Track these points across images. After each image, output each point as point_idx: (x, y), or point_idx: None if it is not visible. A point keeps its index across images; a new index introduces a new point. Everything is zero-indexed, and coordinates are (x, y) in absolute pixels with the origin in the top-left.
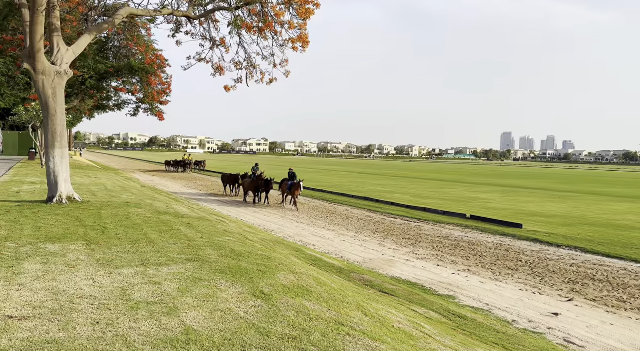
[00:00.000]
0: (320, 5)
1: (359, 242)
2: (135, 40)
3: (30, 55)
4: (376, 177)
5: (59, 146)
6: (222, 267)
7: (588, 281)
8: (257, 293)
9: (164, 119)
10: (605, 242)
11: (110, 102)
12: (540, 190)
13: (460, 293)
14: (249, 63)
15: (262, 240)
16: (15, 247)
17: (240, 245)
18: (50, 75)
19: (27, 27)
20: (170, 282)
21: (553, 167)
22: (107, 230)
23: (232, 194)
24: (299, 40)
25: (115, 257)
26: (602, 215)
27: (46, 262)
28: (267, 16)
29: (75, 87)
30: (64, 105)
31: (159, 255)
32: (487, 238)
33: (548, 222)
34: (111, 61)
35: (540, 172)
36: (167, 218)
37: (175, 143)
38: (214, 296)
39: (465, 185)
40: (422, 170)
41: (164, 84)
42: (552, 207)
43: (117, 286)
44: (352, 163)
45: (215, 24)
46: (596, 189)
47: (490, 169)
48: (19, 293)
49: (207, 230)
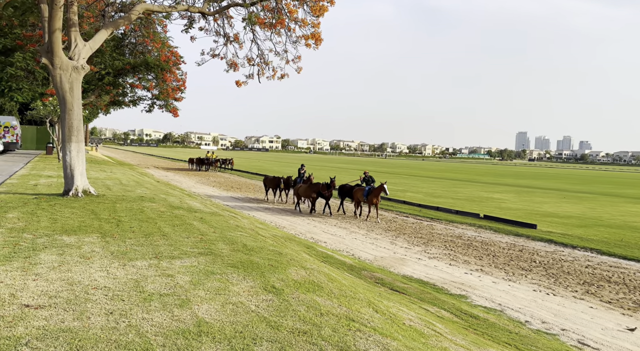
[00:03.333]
0: (334, 2)
1: (370, 240)
2: (151, 36)
3: (48, 50)
4: (389, 175)
5: (76, 140)
6: (234, 261)
7: (604, 283)
8: (269, 288)
9: (178, 116)
10: (622, 244)
11: (126, 98)
12: (555, 191)
13: (472, 292)
14: (262, 59)
15: (274, 236)
16: (32, 238)
17: (252, 240)
18: (68, 69)
19: (45, 22)
20: (183, 275)
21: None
22: (121, 223)
23: (274, 199)
24: (312, 37)
25: (129, 250)
26: (618, 216)
27: (62, 253)
28: (280, 12)
29: (92, 82)
30: (80, 99)
31: (172, 248)
32: (501, 238)
33: (563, 222)
34: (127, 57)
35: (556, 172)
36: (181, 212)
37: (189, 140)
38: (225, 290)
39: (479, 184)
40: (435, 169)
41: (179, 81)
42: (568, 208)
43: (130, 278)
44: (364, 162)
45: (229, 20)
46: (613, 190)
47: (505, 169)
48: (35, 283)
49: (220, 224)
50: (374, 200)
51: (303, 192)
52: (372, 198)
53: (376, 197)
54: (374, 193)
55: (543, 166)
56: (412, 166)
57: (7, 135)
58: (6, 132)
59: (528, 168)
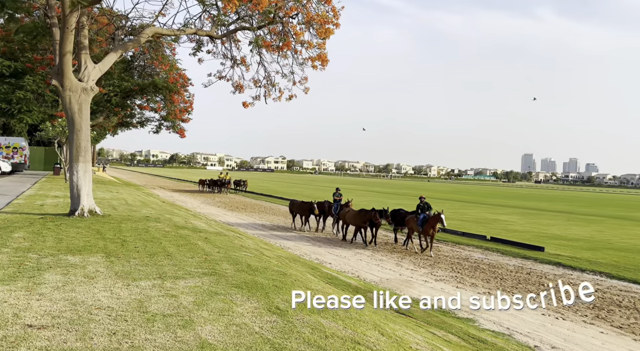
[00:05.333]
0: (339, 25)
1: (375, 261)
2: (160, 59)
3: (58, 72)
4: (394, 196)
5: (83, 160)
6: (238, 282)
7: (614, 308)
8: (273, 309)
9: (185, 136)
10: (632, 268)
11: (134, 119)
12: (562, 213)
13: (480, 316)
14: (268, 81)
15: (278, 256)
16: (37, 258)
17: (257, 261)
18: (77, 91)
19: (56, 45)
20: (187, 295)
21: (576, 189)
22: (126, 243)
23: (303, 227)
24: (318, 59)
25: (134, 270)
26: (627, 239)
27: (66, 273)
28: (287, 36)
29: (101, 104)
30: (89, 120)
31: (176, 268)
32: (508, 260)
33: (571, 245)
34: (136, 79)
35: (563, 195)
36: (185, 232)
37: (195, 160)
38: (229, 311)
39: (485, 206)
40: (440, 190)
41: (186, 102)
42: (575, 230)
43: (134, 298)
44: (369, 182)
45: (237, 43)
46: (621, 213)
47: (511, 191)
48: (38, 302)
49: (224, 244)
50: (429, 231)
51: (352, 219)
52: (428, 228)
53: (432, 228)
54: (429, 223)
55: (549, 188)
56: (417, 187)
57: (15, 156)
58: (15, 153)
59: (534, 190)
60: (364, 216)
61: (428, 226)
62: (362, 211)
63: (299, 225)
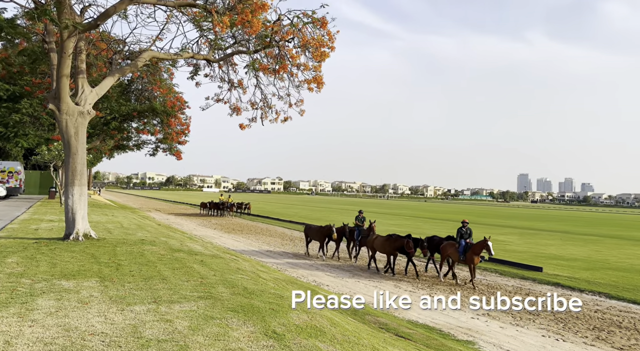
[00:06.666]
0: (335, 48)
1: (373, 282)
2: (157, 83)
3: (55, 96)
4: (392, 216)
5: (79, 184)
6: (234, 305)
7: (614, 329)
8: (269, 333)
9: (182, 158)
10: (630, 288)
11: (130, 142)
12: (559, 233)
13: (479, 338)
14: (265, 103)
15: (275, 279)
16: (30, 283)
17: (253, 283)
18: (74, 115)
19: (54, 69)
20: (182, 320)
21: (572, 209)
22: (121, 267)
23: (319, 254)
24: (314, 81)
25: (128, 294)
26: (625, 259)
27: (60, 298)
28: (283, 59)
29: (98, 127)
30: (85, 144)
31: (171, 292)
32: (507, 281)
33: (569, 265)
34: (133, 103)
35: (559, 214)
36: (181, 255)
37: (192, 182)
38: (225, 335)
39: (482, 226)
40: (437, 210)
41: (183, 125)
42: (573, 250)
43: (128, 323)
44: (366, 203)
45: (234, 66)
46: (618, 232)
47: (507, 211)
48: (31, 329)
49: (220, 267)
50: (474, 260)
51: (381, 246)
52: (471, 256)
53: (477, 256)
54: (473, 250)
55: (546, 208)
56: (414, 207)
57: (10, 180)
58: (10, 177)
59: (531, 210)
60: (394, 243)
61: (471, 253)
62: (391, 237)
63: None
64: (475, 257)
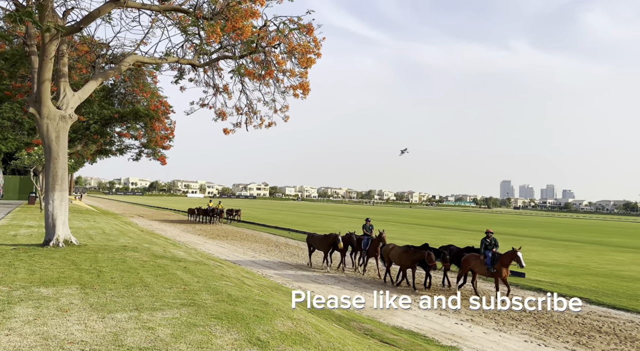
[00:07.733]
0: (321, 55)
1: (359, 289)
2: (141, 86)
3: (36, 100)
4: (378, 222)
5: (59, 189)
6: (218, 312)
7: (594, 334)
8: (253, 340)
9: (166, 163)
10: (610, 293)
11: (113, 146)
12: (541, 239)
13: (463, 343)
14: (250, 108)
15: (260, 285)
16: (8, 291)
17: (237, 290)
18: (55, 119)
19: (35, 73)
20: (164, 327)
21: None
22: (102, 274)
23: (323, 265)
24: (300, 87)
25: (109, 301)
26: (605, 265)
27: (38, 306)
28: (269, 64)
29: (79, 132)
30: (66, 148)
31: (153, 299)
32: (490, 287)
33: (551, 271)
34: (116, 107)
35: (541, 221)
36: (164, 262)
37: (176, 188)
38: (208, 343)
39: (467, 232)
40: (423, 216)
41: (167, 129)
42: (555, 256)
43: (109, 331)
44: (352, 209)
45: (219, 71)
46: (598, 239)
47: (491, 217)
48: (7, 338)
49: (204, 274)
50: (503, 273)
51: (397, 258)
52: (500, 268)
53: (506, 268)
54: (502, 261)
55: (528, 214)
56: (399, 213)
57: None
58: None
59: (514, 216)
60: (413, 255)
61: (500, 265)
62: (410, 249)
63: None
64: (504, 269)
